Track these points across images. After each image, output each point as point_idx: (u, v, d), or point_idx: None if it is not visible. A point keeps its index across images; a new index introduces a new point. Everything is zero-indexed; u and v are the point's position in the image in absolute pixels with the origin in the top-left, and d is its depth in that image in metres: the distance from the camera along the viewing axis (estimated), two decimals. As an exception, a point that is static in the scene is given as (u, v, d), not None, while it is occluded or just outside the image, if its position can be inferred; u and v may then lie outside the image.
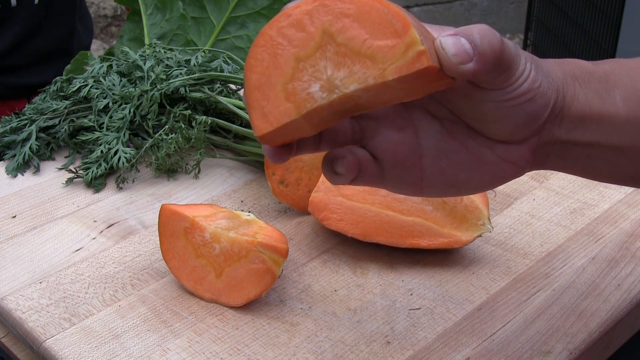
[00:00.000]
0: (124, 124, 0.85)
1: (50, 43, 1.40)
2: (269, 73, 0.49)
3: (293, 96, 0.48)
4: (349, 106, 0.49)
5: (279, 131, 0.49)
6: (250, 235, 0.67)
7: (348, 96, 0.48)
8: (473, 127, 0.53)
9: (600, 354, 0.68)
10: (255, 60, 0.49)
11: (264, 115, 0.49)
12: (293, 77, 0.48)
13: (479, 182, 0.54)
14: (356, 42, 0.46)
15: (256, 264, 0.65)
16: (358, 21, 0.46)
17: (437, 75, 0.46)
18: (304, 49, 0.48)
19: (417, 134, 0.54)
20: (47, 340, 0.64)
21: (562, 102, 0.53)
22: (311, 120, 0.49)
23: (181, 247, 0.68)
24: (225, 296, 0.67)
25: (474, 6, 3.32)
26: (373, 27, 0.46)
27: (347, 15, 0.46)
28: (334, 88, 0.47)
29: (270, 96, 0.49)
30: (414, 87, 0.48)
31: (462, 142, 0.53)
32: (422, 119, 0.54)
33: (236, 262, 0.66)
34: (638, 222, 0.78)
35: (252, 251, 0.65)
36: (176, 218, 0.68)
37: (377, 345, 0.64)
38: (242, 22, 1.22)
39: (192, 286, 0.68)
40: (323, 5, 0.47)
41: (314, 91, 0.48)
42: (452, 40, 0.47)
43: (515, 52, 0.50)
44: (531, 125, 0.52)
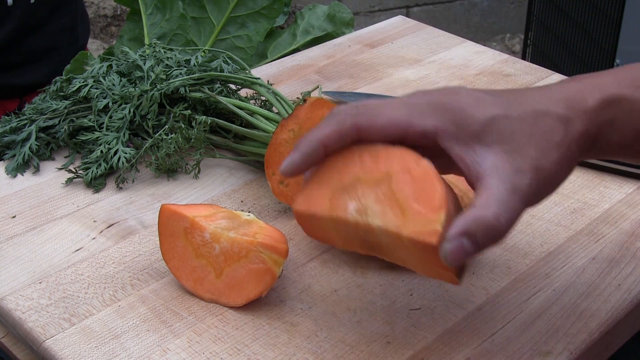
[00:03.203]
0: (123, 124, 0.85)
1: (44, 42, 1.39)
2: (332, 173, 0.58)
3: (335, 201, 0.57)
4: (373, 242, 0.58)
5: (309, 218, 0.59)
6: (250, 236, 0.67)
7: (370, 228, 0.56)
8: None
9: (600, 354, 0.68)
10: (331, 157, 0.58)
11: (308, 197, 0.59)
12: (345, 188, 0.57)
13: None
14: (402, 195, 0.55)
15: (256, 264, 0.65)
16: (414, 183, 0.54)
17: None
18: (367, 175, 0.56)
19: None
20: (46, 340, 0.64)
21: (591, 145, 0.56)
22: (338, 229, 0.58)
23: (181, 247, 0.68)
24: (225, 296, 0.67)
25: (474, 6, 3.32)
26: (420, 193, 0.54)
27: (409, 174, 0.55)
28: (364, 214, 0.56)
29: (322, 189, 0.58)
30: (425, 262, 0.56)
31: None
32: None
33: (236, 262, 0.66)
34: (638, 222, 0.78)
35: (252, 251, 0.65)
36: (176, 218, 0.68)
37: (377, 345, 0.64)
38: (242, 22, 1.22)
39: (192, 286, 0.68)
40: (401, 157, 0.56)
41: (350, 207, 0.56)
42: (454, 252, 0.51)
43: (509, 223, 0.52)
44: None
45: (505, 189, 0.52)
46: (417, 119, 0.54)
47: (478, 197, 0.52)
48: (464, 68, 1.08)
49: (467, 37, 1.21)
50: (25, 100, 1.39)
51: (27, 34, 1.35)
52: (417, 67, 1.08)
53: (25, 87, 1.38)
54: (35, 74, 1.38)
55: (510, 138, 0.53)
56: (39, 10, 1.34)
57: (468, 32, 3.31)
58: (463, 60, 1.10)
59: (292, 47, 1.27)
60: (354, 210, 0.56)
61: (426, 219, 0.53)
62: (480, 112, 0.54)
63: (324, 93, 0.99)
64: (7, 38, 1.31)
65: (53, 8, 1.37)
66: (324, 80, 1.05)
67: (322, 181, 0.58)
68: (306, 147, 0.56)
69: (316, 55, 1.12)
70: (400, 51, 1.13)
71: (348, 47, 1.14)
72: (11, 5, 1.30)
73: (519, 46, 3.26)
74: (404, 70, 1.07)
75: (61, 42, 1.42)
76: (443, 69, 1.08)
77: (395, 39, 1.16)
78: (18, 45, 1.34)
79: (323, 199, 0.58)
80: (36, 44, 1.37)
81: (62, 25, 1.41)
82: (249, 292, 0.66)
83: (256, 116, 0.84)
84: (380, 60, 1.10)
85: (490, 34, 3.37)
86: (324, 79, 1.05)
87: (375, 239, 0.57)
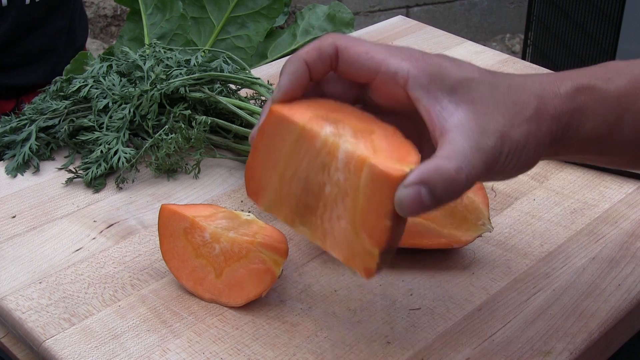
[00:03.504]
0: (123, 124, 0.85)
1: (41, 43, 1.38)
2: (321, 106, 0.58)
3: (315, 119, 0.56)
4: (314, 190, 0.56)
5: (278, 125, 0.57)
6: (250, 236, 0.67)
7: (335, 155, 0.55)
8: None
9: (600, 354, 0.68)
10: (324, 100, 0.58)
11: (290, 105, 0.57)
12: (328, 118, 0.56)
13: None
14: (379, 144, 0.54)
15: (256, 264, 0.65)
16: (393, 144, 0.55)
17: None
18: (352, 122, 0.57)
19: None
20: (46, 340, 0.64)
21: (563, 133, 0.56)
22: (294, 156, 0.57)
23: (181, 247, 0.68)
24: (225, 296, 0.67)
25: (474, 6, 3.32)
26: (396, 150, 0.54)
27: (391, 138, 0.55)
28: (337, 136, 0.55)
29: (307, 108, 0.57)
30: (361, 225, 0.54)
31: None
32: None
33: (236, 262, 0.66)
34: (638, 222, 0.78)
35: (252, 251, 0.65)
36: (176, 218, 0.68)
37: (377, 345, 0.64)
38: (242, 22, 1.22)
39: (192, 286, 0.68)
40: (387, 127, 0.56)
41: (327, 128, 0.56)
42: (410, 200, 0.51)
43: (471, 176, 0.52)
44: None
45: (469, 145, 0.51)
46: (393, 59, 0.55)
47: (440, 150, 0.51)
48: (464, 68, 1.08)
49: (467, 37, 1.21)
50: (22, 100, 1.39)
51: (23, 35, 1.34)
52: (417, 67, 1.08)
53: (22, 87, 1.38)
54: (32, 75, 1.38)
55: (481, 101, 0.53)
56: (35, 11, 1.33)
57: (468, 32, 3.31)
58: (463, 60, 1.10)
59: (292, 47, 1.27)
60: (329, 131, 0.55)
61: (396, 160, 0.53)
62: (456, 70, 0.55)
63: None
64: (3, 39, 1.31)
65: (49, 9, 1.37)
66: (324, 80, 1.04)
67: (310, 106, 0.57)
68: (290, 67, 0.57)
69: (316, 55, 1.12)
70: (400, 51, 1.13)
71: (348, 47, 1.14)
72: (6, 5, 1.29)
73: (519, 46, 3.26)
74: (404, 70, 1.07)
75: (58, 43, 1.41)
76: (443, 69, 1.07)
77: (395, 39, 1.16)
78: (14, 46, 1.34)
79: (304, 112, 0.56)
80: (33, 45, 1.37)
81: (59, 27, 1.40)
82: (249, 292, 0.66)
83: (256, 116, 0.84)
84: (380, 60, 1.10)
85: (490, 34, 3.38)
86: (324, 79, 1.05)
87: (323, 180, 0.56)
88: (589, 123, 0.57)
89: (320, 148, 0.55)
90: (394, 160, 0.52)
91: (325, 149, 0.55)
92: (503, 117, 0.53)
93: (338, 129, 0.55)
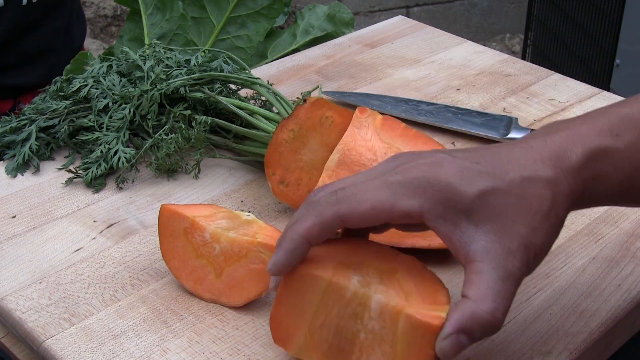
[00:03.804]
0: (123, 124, 0.85)
1: (38, 44, 1.38)
2: (339, 249, 0.59)
3: (339, 269, 0.57)
4: (348, 337, 0.56)
5: (303, 279, 0.57)
6: (250, 235, 0.67)
7: (367, 304, 0.55)
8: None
9: (600, 354, 0.68)
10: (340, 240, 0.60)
11: (311, 259, 0.57)
12: (351, 265, 0.57)
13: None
14: (407, 285, 0.56)
15: (256, 264, 0.65)
16: (419, 282, 0.56)
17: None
18: (374, 262, 0.58)
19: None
20: (46, 340, 0.64)
21: (578, 202, 0.56)
22: (323, 306, 0.56)
23: (181, 247, 0.68)
24: (225, 296, 0.67)
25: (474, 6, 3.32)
26: (425, 290, 0.56)
27: (415, 274, 0.57)
28: (366, 286, 0.55)
29: (328, 257, 0.58)
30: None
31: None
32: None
33: (236, 262, 0.66)
34: (638, 222, 0.78)
35: (252, 251, 0.65)
36: (176, 218, 0.68)
37: (377, 346, 0.63)
38: (242, 22, 1.22)
39: (192, 286, 0.68)
40: (407, 259, 0.58)
41: (354, 278, 0.56)
42: (451, 348, 0.52)
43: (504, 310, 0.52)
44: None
45: (498, 276, 0.51)
46: (400, 200, 0.52)
47: (472, 286, 0.51)
48: (464, 68, 1.08)
49: (467, 37, 1.21)
50: (19, 100, 1.39)
51: (20, 35, 1.34)
52: (417, 67, 1.08)
53: (20, 88, 1.38)
54: (29, 75, 1.38)
55: (499, 215, 0.52)
56: (32, 11, 1.33)
57: (468, 32, 3.31)
58: (463, 60, 1.10)
59: (292, 47, 1.27)
60: (356, 281, 0.55)
61: (430, 305, 0.53)
62: (467, 187, 0.52)
63: (324, 93, 0.99)
64: (0, 39, 1.31)
65: (46, 10, 1.36)
66: (324, 80, 1.05)
67: (329, 253, 0.57)
68: (289, 244, 0.55)
69: (316, 55, 1.12)
70: (400, 51, 1.13)
71: (348, 47, 1.14)
72: (2, 6, 1.29)
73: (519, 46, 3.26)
74: (404, 70, 1.07)
75: (56, 44, 1.41)
76: (443, 69, 1.08)
77: (395, 39, 1.16)
78: (11, 46, 1.34)
79: (327, 263, 0.56)
80: (30, 46, 1.37)
81: (56, 27, 1.40)
82: (249, 292, 0.66)
83: (256, 116, 0.84)
84: (380, 60, 1.10)
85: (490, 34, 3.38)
86: (324, 79, 1.05)
87: (357, 328, 0.56)
88: (603, 187, 0.56)
89: (351, 299, 0.55)
90: (428, 305, 0.53)
91: (356, 300, 0.55)
92: (524, 226, 0.52)
93: (364, 276, 0.56)
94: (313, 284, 0.56)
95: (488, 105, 0.99)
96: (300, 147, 0.77)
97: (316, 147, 0.78)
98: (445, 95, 1.01)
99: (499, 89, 1.03)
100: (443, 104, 0.98)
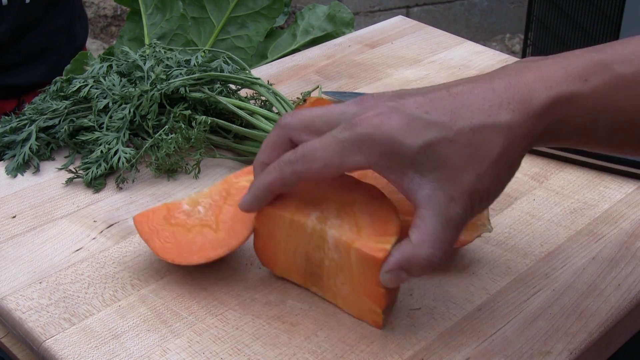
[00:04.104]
0: (123, 124, 0.85)
1: (40, 42, 1.38)
2: (303, 188, 0.64)
3: (300, 207, 0.64)
4: (316, 262, 0.65)
5: (270, 218, 0.65)
6: (222, 188, 0.69)
7: (324, 238, 0.62)
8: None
9: (600, 354, 0.68)
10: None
11: (277, 200, 0.64)
12: (312, 201, 0.64)
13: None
14: (362, 217, 0.62)
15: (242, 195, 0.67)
16: (374, 212, 0.63)
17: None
18: (335, 196, 0.64)
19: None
20: (47, 340, 0.64)
21: (537, 142, 0.57)
22: (290, 239, 0.65)
23: (170, 234, 0.69)
24: (233, 239, 0.67)
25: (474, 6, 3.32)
26: (378, 220, 0.61)
27: (372, 204, 0.63)
28: (323, 222, 0.62)
29: (291, 197, 0.65)
30: (360, 289, 0.63)
31: None
32: None
33: (224, 205, 0.68)
34: (638, 222, 0.78)
35: (231, 191, 0.68)
36: (150, 215, 0.70)
37: (377, 345, 0.64)
38: (242, 22, 1.22)
39: (201, 256, 0.68)
40: (367, 189, 0.64)
41: (312, 214, 0.63)
42: (392, 280, 0.59)
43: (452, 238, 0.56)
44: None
45: (439, 223, 0.54)
46: (348, 157, 0.56)
47: (414, 230, 0.56)
48: (464, 68, 1.08)
49: (467, 37, 1.21)
50: (23, 100, 1.39)
51: (23, 34, 1.34)
52: (417, 67, 1.08)
53: (23, 87, 1.38)
54: (32, 74, 1.38)
55: (445, 163, 0.54)
56: (34, 10, 1.33)
57: (468, 32, 3.31)
58: (463, 60, 1.10)
59: (292, 47, 1.27)
60: (315, 217, 0.63)
61: (378, 238, 0.60)
62: (411, 140, 0.54)
63: (323, 93, 0.99)
64: (3, 38, 1.31)
65: (48, 8, 1.36)
66: (324, 80, 1.05)
67: (293, 192, 0.64)
68: (255, 191, 0.63)
69: (316, 55, 1.12)
70: (400, 51, 1.13)
71: (348, 47, 1.14)
72: (6, 5, 1.29)
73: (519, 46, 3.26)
74: (404, 70, 1.07)
75: (58, 42, 1.41)
76: (443, 69, 1.08)
77: (395, 39, 1.16)
78: (14, 45, 1.34)
79: (290, 203, 0.64)
80: (32, 44, 1.37)
81: (58, 25, 1.40)
82: (250, 224, 0.67)
83: (256, 116, 0.84)
84: (380, 60, 1.10)
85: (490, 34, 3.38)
86: (324, 79, 1.05)
87: (321, 256, 0.64)
88: (566, 128, 0.56)
89: (311, 234, 0.63)
90: (377, 237, 0.60)
91: (315, 234, 0.63)
92: (468, 174, 0.54)
93: (322, 211, 0.63)
94: (279, 222, 0.64)
95: (488, 105, 0.99)
96: (300, 147, 0.77)
97: (316, 147, 0.78)
98: (445, 95, 1.01)
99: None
100: (443, 104, 0.98)
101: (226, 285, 0.70)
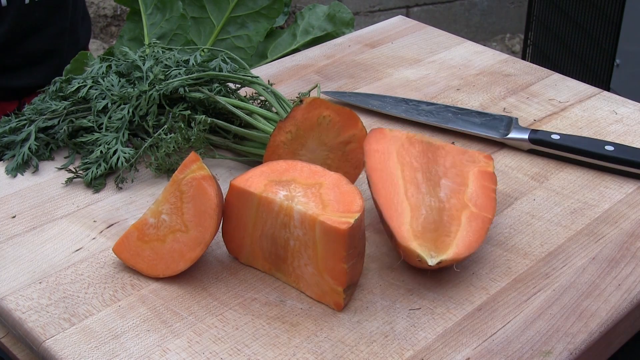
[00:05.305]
0: (122, 124, 0.85)
1: (43, 44, 1.38)
2: (273, 170, 0.70)
3: (269, 186, 0.68)
4: (281, 243, 0.67)
5: (240, 196, 0.68)
6: (175, 187, 0.70)
7: (290, 215, 0.65)
8: None
9: (600, 354, 0.68)
10: (276, 162, 0.71)
11: (247, 178, 0.69)
12: (281, 181, 0.68)
13: None
14: (327, 198, 0.66)
15: (196, 188, 0.68)
16: (339, 194, 0.66)
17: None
18: (302, 179, 0.68)
19: None
20: (46, 340, 0.64)
21: None
22: (258, 218, 0.68)
23: (150, 252, 0.70)
24: (205, 233, 0.68)
25: (474, 6, 3.32)
26: (343, 200, 0.66)
27: (338, 188, 0.67)
28: (290, 200, 0.66)
29: (261, 176, 0.69)
30: (324, 266, 0.65)
31: None
32: None
33: (182, 205, 0.69)
34: (638, 222, 0.78)
35: (181, 187, 0.68)
36: (126, 242, 0.71)
37: (377, 345, 0.64)
38: (242, 22, 1.22)
39: (186, 259, 0.69)
40: (334, 177, 0.68)
41: (280, 193, 0.67)
42: None
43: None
44: None
45: None
46: None
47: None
48: (464, 68, 1.08)
49: (467, 37, 1.21)
50: (24, 102, 1.38)
51: (24, 36, 1.34)
52: (417, 67, 1.08)
53: (24, 89, 1.38)
54: (34, 76, 1.37)
55: None
56: (35, 11, 1.33)
57: (468, 32, 3.31)
58: (463, 60, 1.10)
59: (292, 47, 1.27)
60: (282, 195, 0.66)
61: (342, 214, 0.64)
62: None
63: (323, 93, 0.99)
64: (3, 39, 1.31)
65: (50, 10, 1.36)
66: (324, 80, 1.05)
67: (263, 173, 0.69)
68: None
69: (316, 55, 1.12)
70: (400, 51, 1.13)
71: (348, 47, 1.14)
72: (5, 6, 1.29)
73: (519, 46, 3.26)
74: (404, 70, 1.07)
75: (61, 45, 1.41)
76: (443, 69, 1.08)
77: (395, 39, 1.16)
78: (15, 47, 1.33)
79: (259, 182, 0.68)
80: (34, 46, 1.36)
81: (61, 28, 1.40)
82: (218, 202, 0.68)
83: (255, 116, 0.84)
84: (380, 60, 1.10)
85: (490, 34, 3.37)
86: (324, 79, 1.05)
87: (287, 236, 0.67)
88: None
89: (279, 211, 0.66)
90: (341, 212, 0.64)
91: (282, 212, 0.66)
92: None
93: (290, 191, 0.67)
94: (248, 200, 0.67)
95: (488, 105, 0.99)
96: (298, 148, 0.77)
97: (315, 147, 0.78)
98: (445, 95, 1.01)
99: (499, 89, 1.03)
100: (443, 104, 0.98)
101: (226, 285, 0.70)
